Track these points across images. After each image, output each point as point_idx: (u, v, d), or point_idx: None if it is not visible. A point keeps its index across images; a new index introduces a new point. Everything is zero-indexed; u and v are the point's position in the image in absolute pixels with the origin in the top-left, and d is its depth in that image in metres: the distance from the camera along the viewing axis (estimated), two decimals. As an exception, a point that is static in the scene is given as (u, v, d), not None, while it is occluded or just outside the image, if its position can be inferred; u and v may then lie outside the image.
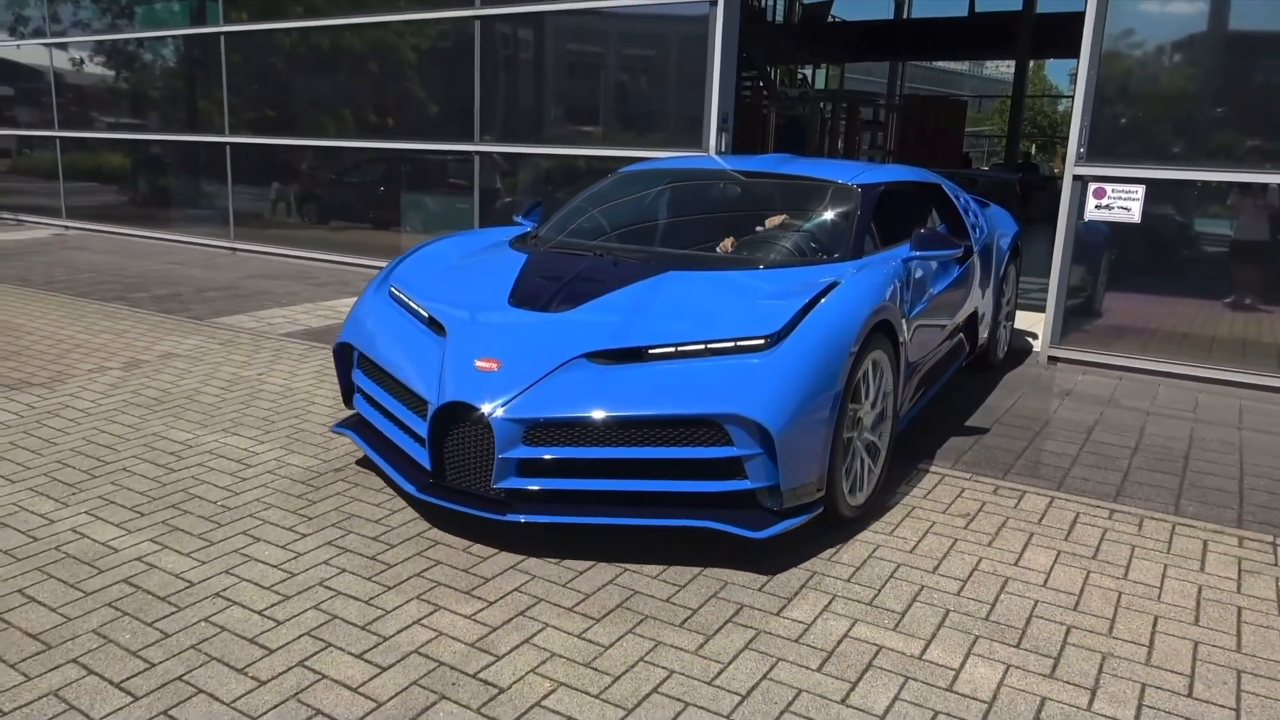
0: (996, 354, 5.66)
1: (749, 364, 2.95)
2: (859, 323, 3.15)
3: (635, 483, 2.92)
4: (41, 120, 11.98)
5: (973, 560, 3.13)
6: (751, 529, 2.88)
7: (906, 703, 2.34)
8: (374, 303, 3.79)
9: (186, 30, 10.28)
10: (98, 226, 11.53)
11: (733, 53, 6.90)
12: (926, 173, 5.17)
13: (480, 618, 2.66)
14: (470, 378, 3.06)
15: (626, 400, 2.92)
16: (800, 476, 2.94)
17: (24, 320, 6.39)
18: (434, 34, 8.43)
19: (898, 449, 4.13)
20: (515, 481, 2.96)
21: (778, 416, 2.83)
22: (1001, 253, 5.45)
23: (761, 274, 3.63)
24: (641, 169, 4.94)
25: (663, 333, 3.10)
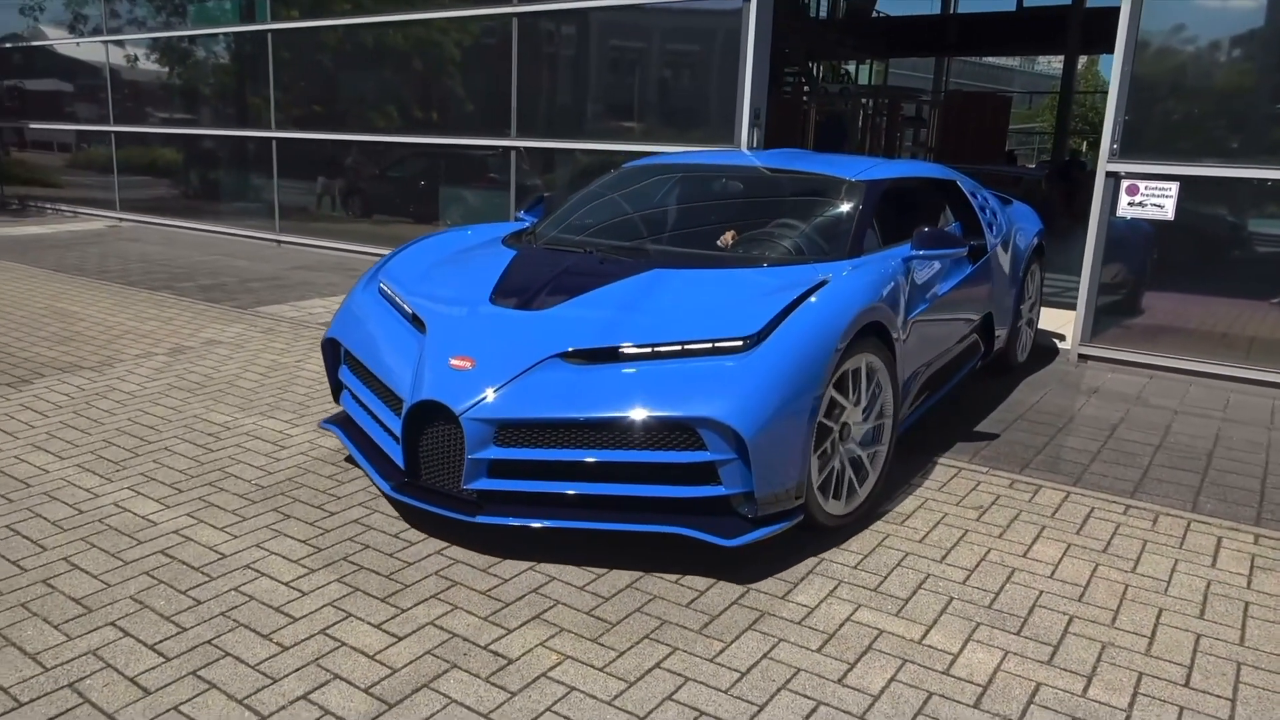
0: (1017, 355, 5.51)
1: (723, 366, 2.87)
2: (843, 324, 3.06)
3: (608, 486, 2.86)
4: (98, 115, 12.38)
5: (981, 551, 3.16)
6: (723, 536, 2.80)
7: (902, 683, 2.40)
8: (361, 298, 3.78)
9: (236, 28, 10.57)
10: (149, 218, 11.89)
11: (765, 48, 6.94)
12: (942, 169, 5.10)
13: (495, 593, 2.77)
14: (444, 376, 3.02)
15: (598, 402, 2.85)
16: (776, 483, 2.86)
17: (78, 307, 6.66)
18: (473, 31, 8.58)
19: (913, 442, 4.17)
20: (486, 483, 2.92)
21: (751, 421, 2.75)
22: (1021, 251, 5.32)
23: (750, 272, 3.53)
24: (644, 164, 4.87)
25: (640, 332, 3.04)
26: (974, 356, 4.73)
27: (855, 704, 2.31)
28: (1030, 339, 5.81)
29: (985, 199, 5.09)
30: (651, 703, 2.29)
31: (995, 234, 4.91)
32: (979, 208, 4.86)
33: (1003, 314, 5.03)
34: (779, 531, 2.90)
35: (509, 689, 2.33)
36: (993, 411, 4.75)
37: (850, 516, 3.28)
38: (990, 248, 4.73)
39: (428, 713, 2.23)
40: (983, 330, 4.83)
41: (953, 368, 4.44)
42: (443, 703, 2.27)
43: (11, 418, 4.23)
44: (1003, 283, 4.97)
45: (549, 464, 2.90)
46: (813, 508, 3.06)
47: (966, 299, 4.46)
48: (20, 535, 3.07)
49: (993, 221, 4.94)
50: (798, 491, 2.94)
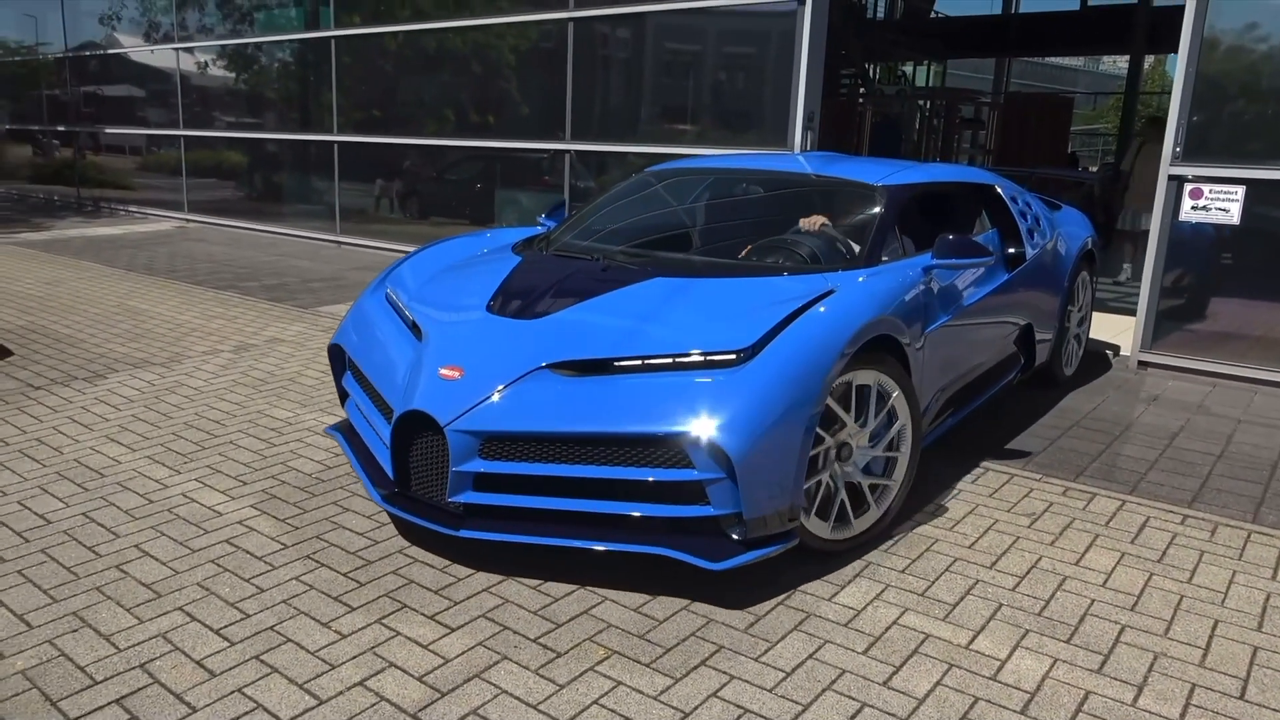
0: (1063, 368, 5.21)
1: (713, 381, 2.74)
2: (845, 336, 2.91)
3: (595, 503, 2.76)
4: (168, 120, 12.80)
5: (1032, 558, 3.14)
6: (710, 559, 2.67)
7: (948, 688, 2.40)
8: (367, 304, 3.73)
9: (301, 35, 10.85)
10: (215, 220, 12.26)
11: (820, 51, 6.92)
12: (980, 172, 4.88)
13: (544, 589, 2.83)
14: (432, 386, 2.95)
15: (585, 416, 2.75)
16: (767, 504, 2.71)
17: (148, 305, 6.91)
18: (530, 35, 8.70)
19: (964, 446, 4.14)
20: (471, 496, 2.84)
21: (740, 440, 2.62)
22: (1068, 259, 5.03)
23: (755, 282, 3.36)
24: (667, 168, 4.75)
25: (633, 344, 2.92)
26: (1010, 370, 4.52)
27: (900, 707, 2.32)
28: (1079, 351, 5.52)
29: (1028, 204, 4.87)
30: (696, 699, 2.32)
31: (1037, 240, 4.68)
32: (1018, 213, 4.62)
33: (1045, 325, 4.79)
34: (771, 555, 2.75)
35: (558, 681, 2.38)
36: (1047, 417, 4.68)
37: (840, 544, 3.07)
38: (1029, 255, 4.51)
39: (479, 702, 2.29)
40: (1022, 343, 4.62)
41: (984, 382, 4.24)
42: (493, 693, 2.33)
43: (87, 410, 4.42)
44: (1045, 292, 4.76)
45: (535, 478, 2.80)
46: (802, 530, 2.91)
47: (1001, 309, 4.25)
48: (95, 522, 3.22)
49: (1034, 228, 4.71)
50: (791, 513, 2.79)
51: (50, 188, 15.39)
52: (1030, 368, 4.73)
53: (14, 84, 16.19)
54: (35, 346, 5.60)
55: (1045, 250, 4.74)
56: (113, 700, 2.27)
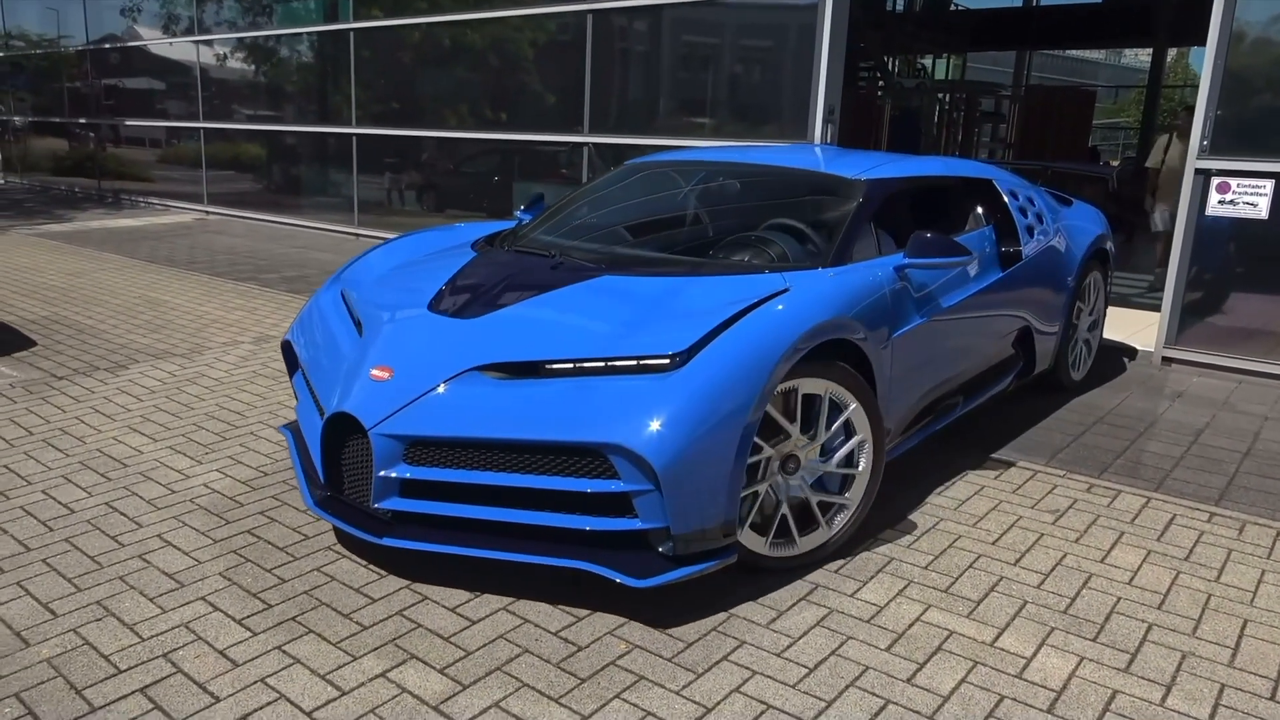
0: (1069, 373, 4.93)
1: (641, 387, 2.58)
2: (787, 342, 2.70)
3: (523, 514, 2.63)
4: (188, 112, 12.86)
5: (1057, 555, 3.10)
6: (634, 576, 2.52)
7: (973, 686, 2.37)
8: (320, 301, 3.62)
9: (319, 27, 10.87)
10: (234, 212, 12.32)
11: (841, 44, 6.87)
12: (978, 166, 4.63)
13: (567, 580, 2.82)
14: (362, 387, 2.84)
15: (511, 421, 2.62)
16: (698, 519, 2.56)
17: (169, 296, 6.94)
18: (548, 28, 8.68)
19: (986, 442, 4.11)
20: (397, 502, 2.73)
21: (665, 451, 2.46)
22: (1075, 257, 4.75)
23: (707, 281, 3.16)
24: (648, 160, 4.57)
25: (568, 345, 2.78)
26: (1005, 375, 4.26)
27: (925, 704, 2.29)
28: (1090, 355, 5.25)
29: (1030, 199, 4.60)
30: (719, 694, 2.31)
31: (1038, 238, 4.42)
32: (1017, 209, 4.37)
33: (1047, 327, 4.52)
34: (703, 572, 2.59)
35: (579, 675, 2.38)
36: (1070, 414, 4.64)
37: (780, 563, 2.89)
38: (1026, 253, 4.26)
39: (500, 695, 2.29)
40: (1021, 345, 4.41)
41: (973, 387, 4.01)
42: (514, 685, 2.33)
43: (110, 401, 4.45)
44: (1047, 292, 4.49)
45: (463, 486, 2.69)
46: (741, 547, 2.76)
47: (991, 310, 4.00)
48: (118, 512, 3.24)
49: (1034, 225, 4.45)
50: (725, 529, 2.62)
51: (72, 180, 15.51)
52: (1030, 372, 4.50)
53: (36, 77, 16.31)
54: (58, 337, 5.64)
55: (1047, 248, 4.49)
56: (136, 689, 2.27)
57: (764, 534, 2.84)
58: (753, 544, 2.81)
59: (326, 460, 2.89)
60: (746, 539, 2.78)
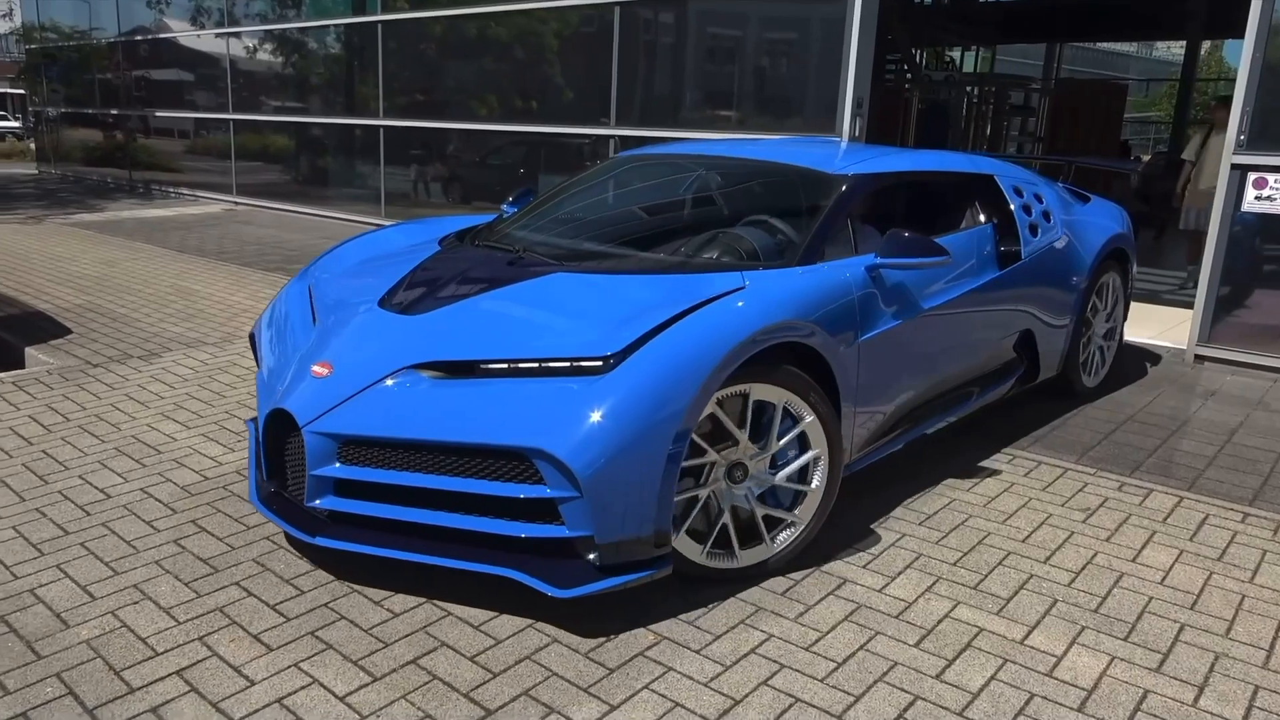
0: (1082, 378, 4.70)
1: (569, 390, 2.50)
2: (728, 345, 2.58)
3: (454, 518, 2.57)
4: (217, 104, 12.99)
5: (1087, 554, 3.08)
6: (557, 585, 2.44)
7: (1003, 683, 2.37)
8: (286, 294, 3.59)
9: (348, 19, 10.93)
10: (262, 202, 12.42)
11: (871, 35, 6.82)
12: (979, 160, 4.36)
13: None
14: (302, 384, 2.81)
15: (441, 422, 2.56)
16: (625, 529, 2.46)
17: (200, 286, 7.02)
18: (574, 20, 8.68)
19: (1016, 439, 4.08)
20: (332, 501, 2.69)
21: (587, 456, 2.38)
22: (1088, 257, 4.50)
23: (658, 279, 3.03)
24: (635, 154, 4.46)
25: (506, 345, 2.70)
26: (1003, 380, 4.08)
27: (954, 700, 2.29)
28: (1107, 361, 4.99)
29: (1040, 195, 4.39)
30: (747, 686, 2.32)
31: (1043, 237, 4.20)
32: (1019, 207, 4.15)
33: (1052, 330, 4.31)
34: (633, 584, 2.50)
35: (607, 665, 2.39)
36: (1100, 412, 4.59)
37: (717, 574, 2.77)
38: (1026, 253, 4.06)
39: (530, 684, 2.31)
40: (1025, 349, 4.23)
41: (961, 393, 3.83)
42: (544, 675, 2.34)
43: (144, 388, 4.51)
44: (1052, 294, 4.27)
45: (395, 488, 2.64)
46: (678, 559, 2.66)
47: (983, 312, 3.81)
48: (153, 498, 3.29)
49: (1039, 223, 4.23)
50: (658, 539, 2.52)
51: (104, 170, 15.71)
52: (1034, 377, 4.31)
53: (68, 68, 16.52)
54: (93, 325, 5.73)
55: (1052, 248, 4.26)
56: (173, 671, 2.31)
57: (702, 542, 2.72)
58: (687, 551, 2.69)
59: (270, 456, 2.88)
60: (681, 544, 2.66)
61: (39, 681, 2.27)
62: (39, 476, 3.45)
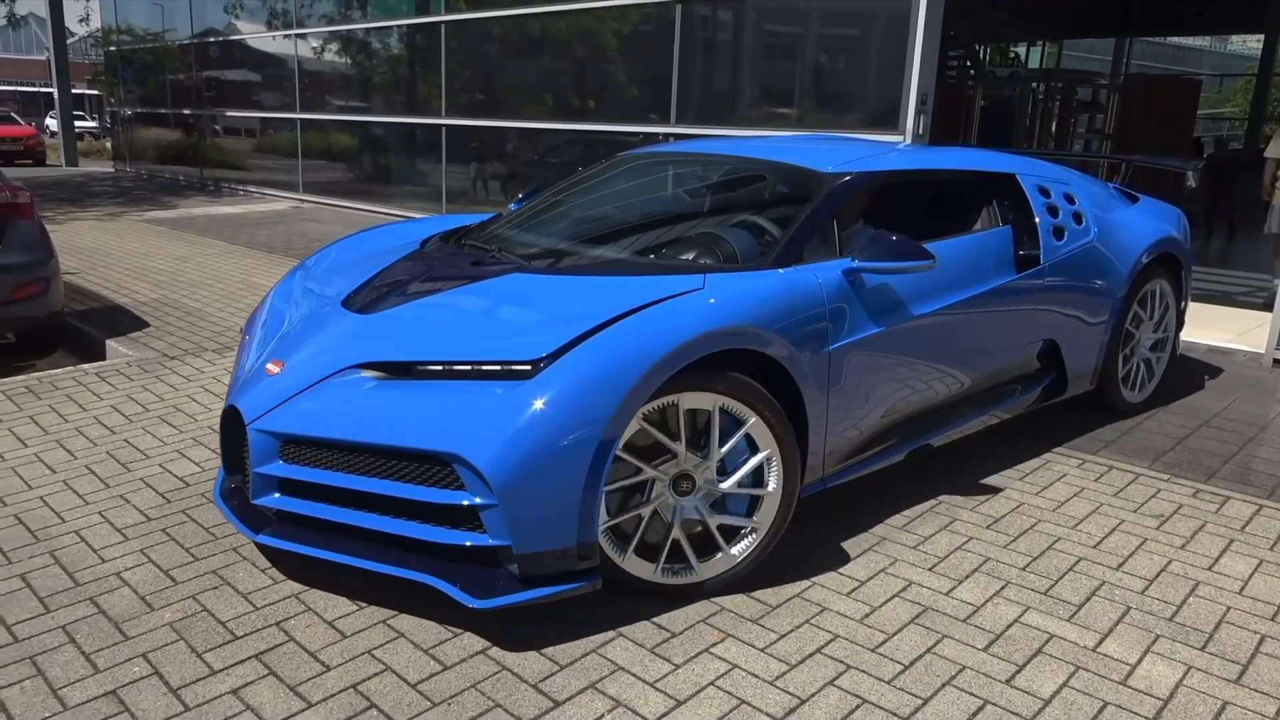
0: (1122, 394, 4.39)
1: (493, 395, 2.44)
2: (660, 352, 2.46)
3: (385, 521, 2.53)
4: (284, 104, 13.30)
5: (1161, 561, 3.01)
6: (474, 594, 2.39)
7: (1075, 690, 2.33)
8: (278, 289, 3.61)
9: (412, 20, 11.11)
10: (327, 200, 12.69)
11: (936, 31, 6.73)
12: (999, 158, 4.05)
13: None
14: (254, 381, 2.83)
15: (375, 424, 2.53)
16: (544, 539, 2.40)
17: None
18: (635, 18, 8.71)
19: (1084, 444, 3.99)
20: (276, 500, 2.67)
21: (501, 464, 2.33)
22: (1125, 262, 4.16)
23: (619, 280, 2.90)
24: (636, 152, 4.34)
25: (447, 346, 2.65)
26: (1020, 392, 3.83)
27: (1024, 706, 2.26)
28: (1155, 375, 4.65)
29: (1071, 196, 4.10)
30: (813, 686, 2.32)
31: (1071, 240, 3.93)
32: (1043, 208, 3.88)
33: (1082, 341, 4.04)
34: (555, 596, 2.43)
35: (673, 661, 2.41)
36: (1173, 416, 4.47)
37: (677, 590, 2.69)
38: (1048, 258, 3.80)
39: (597, 676, 2.34)
40: (1052, 360, 3.99)
41: (965, 404, 3.61)
42: (610, 668, 2.37)
43: (218, 380, 4.65)
44: (1082, 301, 3.98)
45: (333, 489, 2.61)
46: (615, 571, 2.57)
47: (991, 319, 3.58)
48: (230, 487, 3.39)
49: (1067, 226, 3.94)
50: (581, 552, 2.44)
51: (176, 168, 16.19)
52: (1062, 390, 4.05)
53: (142, 70, 17.06)
54: (168, 319, 5.92)
55: (1082, 251, 3.97)
56: (252, 655, 2.39)
57: (654, 560, 2.63)
58: (639, 570, 2.61)
59: (229, 452, 2.89)
60: (632, 565, 2.59)
61: (126, 661, 2.36)
62: (122, 464, 3.58)
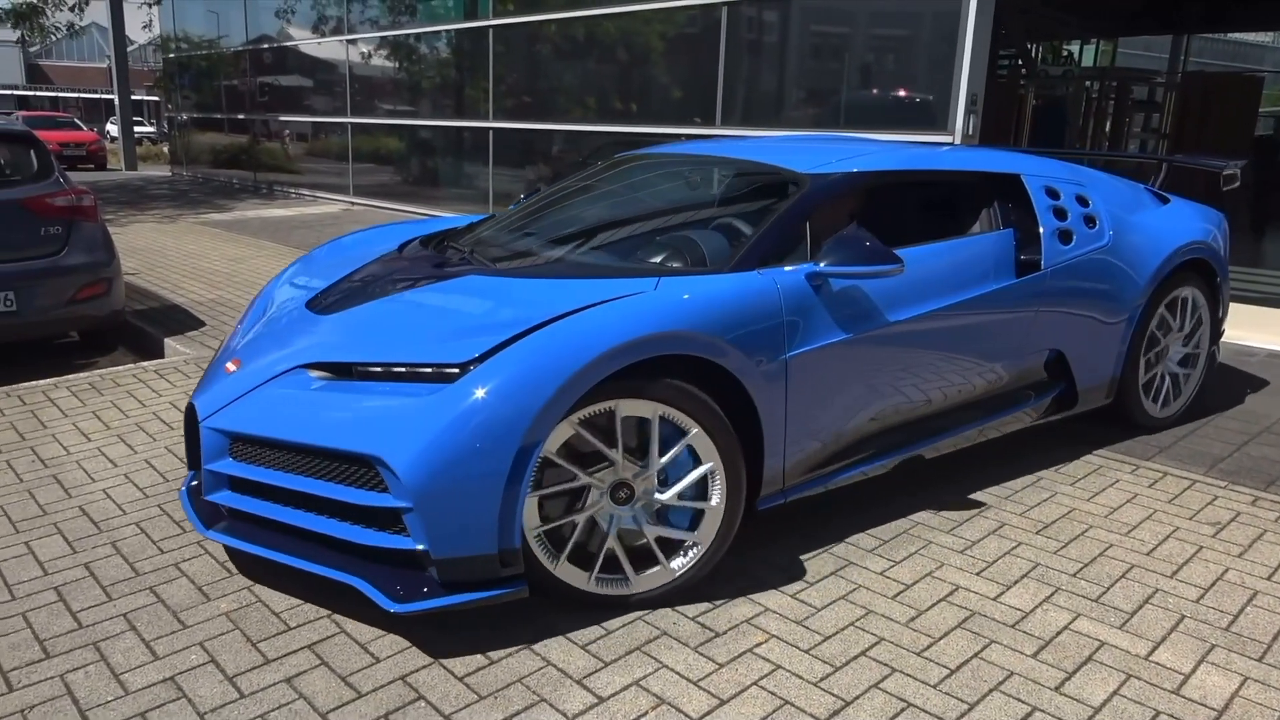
0: (1144, 409, 4.11)
1: (417, 397, 2.44)
2: (585, 358, 2.40)
3: (319, 521, 2.53)
4: (335, 108, 13.54)
5: (1218, 569, 2.94)
6: (392, 597, 2.37)
7: (1126, 699, 2.29)
8: (269, 287, 3.65)
9: (460, 25, 11.25)
10: (377, 203, 12.90)
11: (987, 29, 6.64)
12: (1006, 158, 3.87)
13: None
14: (214, 379, 2.90)
15: (309, 424, 2.54)
16: (463, 545, 2.37)
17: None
18: (681, 20, 8.72)
19: (1138, 450, 3.92)
20: (226, 497, 2.69)
21: (418, 467, 2.31)
22: (1144, 268, 3.89)
23: (571, 283, 2.83)
24: (631, 154, 4.26)
25: (388, 348, 2.65)
26: (1023, 403, 3.63)
27: (1073, 714, 2.23)
28: (1186, 389, 4.33)
29: (1085, 198, 3.86)
30: (858, 688, 2.31)
31: (1079, 244, 3.71)
32: (1049, 210, 3.69)
33: (1093, 352, 3.81)
34: (476, 603, 2.40)
35: (717, 660, 2.41)
36: (1232, 423, 4.36)
37: (613, 601, 2.62)
38: (1049, 263, 3.59)
39: (641, 674, 2.35)
40: (1058, 372, 3.78)
41: (961, 416, 3.46)
42: (654, 666, 2.38)
43: (271, 379, 4.76)
44: (1092, 309, 3.75)
45: (274, 488, 2.62)
46: (540, 573, 2.52)
47: (981, 326, 3.40)
48: (283, 482, 3.46)
49: (1075, 229, 3.72)
50: (503, 559, 2.40)
51: (230, 172, 16.57)
52: (1072, 404, 3.84)
53: (198, 76, 17.49)
54: (224, 318, 6.06)
55: (1093, 256, 3.74)
56: (304, 646, 2.45)
57: (589, 568, 2.58)
58: (571, 578, 2.56)
59: (191, 448, 2.88)
60: (564, 573, 2.54)
61: (184, 649, 2.43)
62: (179, 459, 3.68)
